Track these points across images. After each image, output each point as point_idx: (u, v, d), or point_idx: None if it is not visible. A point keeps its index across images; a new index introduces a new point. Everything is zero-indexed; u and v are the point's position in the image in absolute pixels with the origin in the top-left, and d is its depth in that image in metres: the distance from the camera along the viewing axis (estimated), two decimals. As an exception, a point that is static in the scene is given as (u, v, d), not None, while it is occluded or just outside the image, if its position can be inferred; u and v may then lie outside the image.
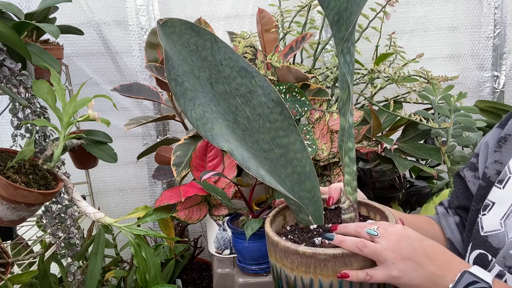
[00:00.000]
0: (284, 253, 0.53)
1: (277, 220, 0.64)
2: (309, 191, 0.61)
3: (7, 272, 0.82)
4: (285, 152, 0.58)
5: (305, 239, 0.58)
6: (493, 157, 0.65)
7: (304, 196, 0.61)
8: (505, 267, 0.54)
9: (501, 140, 0.65)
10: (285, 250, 0.53)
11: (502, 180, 0.61)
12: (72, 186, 0.92)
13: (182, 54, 0.50)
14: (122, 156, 1.18)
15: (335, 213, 0.66)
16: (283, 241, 0.53)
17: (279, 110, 0.56)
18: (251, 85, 0.54)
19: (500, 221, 0.58)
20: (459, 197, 0.72)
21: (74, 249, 0.96)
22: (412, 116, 1.12)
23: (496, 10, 1.45)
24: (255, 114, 0.55)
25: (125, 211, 1.52)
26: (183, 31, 0.49)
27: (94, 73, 1.41)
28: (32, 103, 0.87)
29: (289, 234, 0.60)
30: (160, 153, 1.12)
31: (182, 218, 0.97)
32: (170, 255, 1.30)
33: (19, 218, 0.83)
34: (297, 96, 1.05)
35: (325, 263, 0.51)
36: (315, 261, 0.51)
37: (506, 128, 0.66)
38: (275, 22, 1.21)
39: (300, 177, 0.60)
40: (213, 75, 0.52)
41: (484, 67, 1.51)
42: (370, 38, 1.26)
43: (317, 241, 0.57)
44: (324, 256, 0.51)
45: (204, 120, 0.50)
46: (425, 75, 1.17)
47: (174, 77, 0.49)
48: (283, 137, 0.58)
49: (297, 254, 0.52)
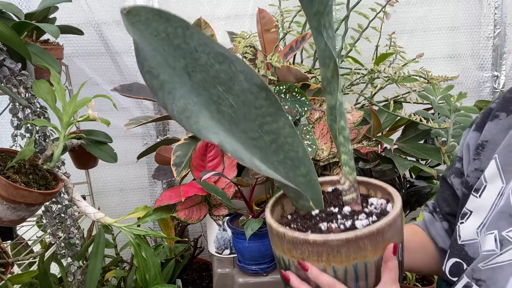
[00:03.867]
0: (293, 244, 0.50)
1: (275, 210, 0.61)
2: (304, 175, 0.58)
3: (7, 272, 0.82)
4: (275, 138, 0.55)
5: (309, 226, 0.55)
6: (473, 165, 0.64)
7: (301, 181, 0.58)
8: (472, 279, 0.54)
9: (478, 147, 0.64)
10: (293, 241, 0.50)
11: (478, 189, 0.60)
12: (72, 186, 0.92)
13: (153, 44, 0.45)
14: (122, 156, 1.18)
15: (334, 195, 0.63)
16: (290, 232, 0.50)
17: (264, 95, 0.52)
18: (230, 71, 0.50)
19: (477, 231, 0.58)
20: (450, 204, 0.70)
21: (74, 249, 0.96)
22: (412, 116, 1.12)
23: (496, 10, 1.45)
24: (239, 101, 0.51)
25: (125, 211, 1.52)
26: (150, 18, 0.44)
27: (94, 73, 1.41)
28: (32, 103, 0.87)
29: (292, 223, 0.57)
30: (160, 153, 1.12)
31: (182, 218, 0.97)
32: (170, 255, 1.30)
33: (19, 218, 0.83)
34: (297, 96, 1.05)
35: (338, 249, 0.48)
36: (327, 249, 0.48)
37: (483, 134, 0.64)
38: (275, 22, 1.21)
39: (294, 162, 0.57)
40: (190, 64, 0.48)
41: (484, 67, 1.51)
42: (370, 38, 1.26)
43: (323, 227, 0.53)
44: (336, 242, 0.47)
45: (187, 113, 0.46)
46: (425, 75, 1.17)
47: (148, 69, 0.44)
48: (271, 123, 0.54)
49: (307, 243, 0.48)
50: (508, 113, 0.62)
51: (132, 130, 1.26)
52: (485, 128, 0.64)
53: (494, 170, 0.58)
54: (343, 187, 0.57)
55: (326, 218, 0.56)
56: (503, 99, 0.64)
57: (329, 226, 0.53)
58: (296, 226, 0.56)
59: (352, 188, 0.57)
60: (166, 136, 1.46)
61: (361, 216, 0.54)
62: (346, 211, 0.56)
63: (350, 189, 0.57)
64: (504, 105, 0.63)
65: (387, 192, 0.59)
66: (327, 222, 0.54)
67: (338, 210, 0.57)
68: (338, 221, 0.54)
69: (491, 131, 0.63)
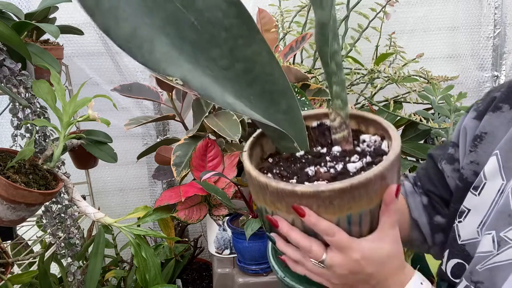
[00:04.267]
0: (277, 196, 0.43)
1: (254, 153, 0.52)
2: (286, 112, 0.49)
3: (7, 272, 0.82)
4: (249, 66, 0.45)
5: (295, 171, 0.47)
6: (468, 157, 0.60)
7: (281, 118, 0.49)
8: (471, 282, 0.52)
9: (476, 139, 0.59)
10: (277, 193, 0.42)
11: (478, 186, 0.56)
12: (72, 186, 0.92)
13: None
14: (122, 156, 1.18)
15: (320, 131, 0.54)
16: (274, 182, 0.42)
17: (234, 11, 0.41)
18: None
19: (477, 229, 0.55)
20: (436, 185, 0.68)
21: (74, 249, 0.96)
22: (412, 116, 1.12)
23: (496, 10, 1.45)
24: (204, 21, 0.41)
25: (125, 211, 1.52)
26: None
27: (94, 73, 1.41)
28: (32, 103, 0.87)
29: (274, 167, 0.49)
30: (160, 153, 1.12)
31: (182, 218, 0.97)
32: (170, 255, 1.30)
33: (19, 218, 0.83)
34: (297, 96, 1.04)
35: (330, 200, 0.41)
36: (317, 200, 0.42)
37: (482, 125, 0.59)
38: (275, 22, 1.21)
39: (273, 96, 0.48)
40: None
41: (484, 67, 1.51)
42: (370, 38, 1.26)
43: (310, 172, 0.46)
44: (328, 193, 0.41)
45: (137, 40, 0.36)
46: (425, 75, 1.17)
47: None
48: (244, 47, 0.43)
49: (295, 195, 0.41)
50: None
51: (132, 130, 1.26)
52: (485, 118, 0.59)
53: (494, 166, 0.55)
54: (333, 124, 0.49)
55: (313, 160, 0.48)
56: (508, 89, 0.59)
57: (317, 171, 0.46)
58: (279, 171, 0.48)
59: (343, 125, 0.49)
60: (166, 136, 1.46)
61: (354, 158, 0.47)
62: (335, 151, 0.49)
63: (341, 126, 0.49)
64: (509, 96, 0.58)
65: (381, 127, 0.51)
66: (315, 165, 0.47)
67: (326, 151, 0.50)
68: (327, 164, 0.47)
69: (492, 123, 0.58)
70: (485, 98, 0.62)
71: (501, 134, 0.57)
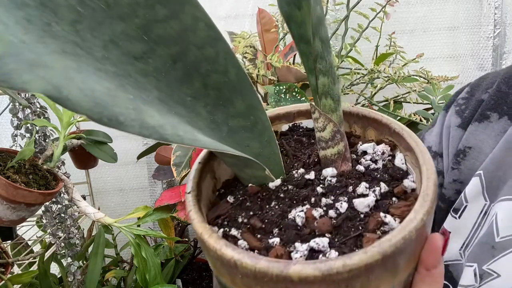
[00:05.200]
0: (255, 281, 0.24)
1: (204, 187, 0.32)
2: (244, 115, 0.31)
3: (7, 272, 0.82)
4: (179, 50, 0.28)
5: (272, 219, 0.28)
6: (451, 175, 0.52)
7: (238, 126, 0.31)
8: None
9: (459, 154, 0.51)
10: (256, 276, 0.24)
11: (458, 209, 0.50)
12: (72, 186, 0.92)
13: None
14: (122, 156, 1.18)
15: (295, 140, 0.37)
16: (249, 259, 0.24)
17: None
18: None
19: (460, 252, 0.50)
20: None
21: (74, 249, 0.96)
22: (412, 116, 1.12)
23: (496, 10, 1.45)
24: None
25: (125, 211, 1.52)
26: None
27: (94, 73, 1.41)
28: (32, 103, 0.87)
29: (238, 212, 0.30)
30: (160, 153, 1.12)
31: (182, 218, 0.97)
32: (170, 255, 1.30)
33: (19, 218, 0.83)
34: (297, 96, 1.05)
35: (349, 283, 0.24)
36: (327, 286, 0.24)
37: (466, 138, 0.50)
38: (275, 22, 1.21)
39: (222, 94, 0.30)
40: None
41: (484, 67, 1.50)
42: (370, 38, 1.26)
43: (298, 219, 0.28)
44: (347, 274, 0.23)
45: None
46: (425, 75, 1.17)
47: None
48: (167, 20, 0.27)
49: (289, 281, 0.23)
50: (501, 115, 0.49)
51: (132, 130, 1.26)
52: (469, 129, 0.50)
53: (476, 188, 0.48)
54: (322, 134, 0.32)
55: (297, 194, 0.30)
56: (497, 92, 0.50)
57: (309, 215, 0.28)
58: (248, 220, 0.29)
59: (337, 136, 0.31)
60: (166, 136, 1.46)
61: (362, 188, 0.29)
62: (329, 176, 0.31)
63: (335, 137, 0.31)
64: (497, 103, 0.50)
65: (389, 131, 0.34)
66: (302, 204, 0.29)
67: (315, 176, 0.31)
68: (321, 200, 0.29)
69: (477, 136, 0.50)
70: (470, 99, 0.53)
71: (488, 149, 0.49)
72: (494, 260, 0.45)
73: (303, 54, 0.30)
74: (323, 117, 0.31)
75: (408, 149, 0.31)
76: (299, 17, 0.27)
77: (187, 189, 0.31)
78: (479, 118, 0.51)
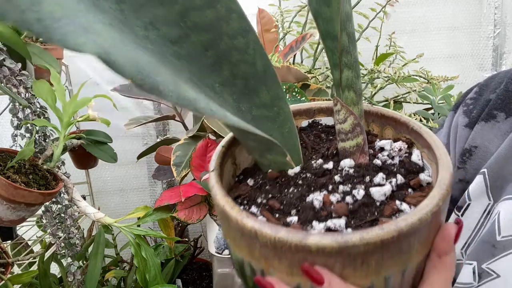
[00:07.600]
0: (274, 251, 0.25)
1: (226, 170, 0.34)
2: (268, 106, 0.33)
3: (7, 272, 0.82)
4: (212, 38, 0.29)
5: (291, 201, 0.30)
6: (456, 175, 0.51)
7: (261, 116, 0.33)
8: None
9: (465, 153, 0.50)
10: (275, 246, 0.25)
11: (461, 207, 0.50)
12: (72, 186, 0.92)
13: None
14: (122, 156, 1.18)
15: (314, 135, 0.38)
16: (269, 229, 0.25)
17: None
18: None
19: (461, 251, 0.50)
20: None
21: (74, 249, 0.96)
22: (412, 116, 1.12)
23: (496, 10, 1.45)
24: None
25: (125, 211, 1.52)
26: None
27: (94, 73, 1.41)
28: (32, 103, 0.87)
29: (257, 194, 0.31)
30: (160, 153, 1.12)
31: (182, 218, 0.97)
32: (170, 255, 1.30)
33: (19, 218, 0.83)
34: (297, 96, 1.05)
35: (365, 257, 0.25)
36: (344, 259, 0.25)
37: (472, 137, 0.50)
38: (275, 22, 1.21)
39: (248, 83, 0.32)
40: None
41: (484, 67, 1.50)
42: (370, 38, 1.26)
43: (316, 202, 0.29)
44: (364, 247, 0.24)
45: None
46: (425, 75, 1.17)
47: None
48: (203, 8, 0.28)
49: (307, 251, 0.24)
50: (508, 114, 0.49)
51: (132, 130, 1.26)
52: (476, 128, 0.50)
53: (480, 186, 0.48)
54: (342, 126, 0.33)
55: (315, 181, 0.31)
56: (504, 91, 0.50)
57: (326, 200, 0.29)
58: (267, 201, 0.30)
59: (357, 128, 0.33)
60: (166, 136, 1.46)
61: (379, 178, 0.30)
62: (347, 166, 0.32)
63: (355, 130, 0.33)
64: (505, 102, 0.49)
65: (407, 129, 0.35)
66: (319, 190, 0.30)
67: (333, 166, 0.33)
68: (339, 187, 0.30)
69: (484, 135, 0.50)
70: (478, 98, 0.54)
71: (494, 148, 0.49)
72: (494, 259, 0.45)
73: (329, 49, 0.33)
74: (345, 109, 0.33)
75: (426, 146, 0.33)
76: (328, 13, 0.29)
77: (210, 167, 0.33)
78: (486, 118, 0.50)
